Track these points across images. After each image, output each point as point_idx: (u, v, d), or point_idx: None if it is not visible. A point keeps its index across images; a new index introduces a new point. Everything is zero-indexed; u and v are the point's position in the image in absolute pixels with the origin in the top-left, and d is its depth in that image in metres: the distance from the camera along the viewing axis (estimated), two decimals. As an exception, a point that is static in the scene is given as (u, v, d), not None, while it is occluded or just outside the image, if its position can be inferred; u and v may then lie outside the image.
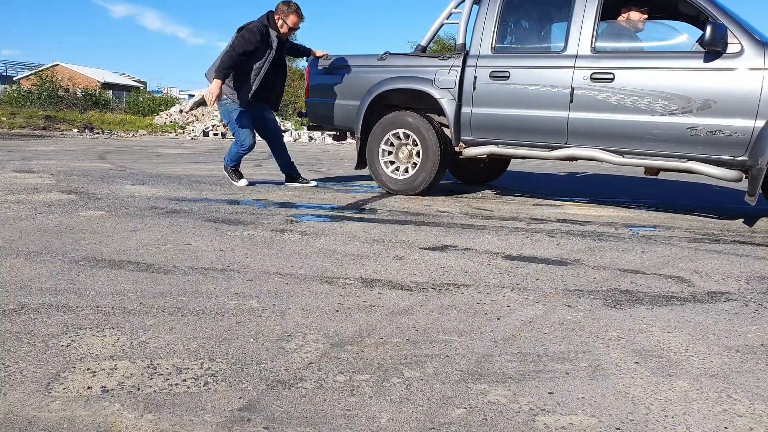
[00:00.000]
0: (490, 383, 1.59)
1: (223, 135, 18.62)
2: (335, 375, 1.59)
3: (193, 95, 27.00)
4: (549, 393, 1.54)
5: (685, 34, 4.56)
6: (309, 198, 5.10)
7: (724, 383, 1.64)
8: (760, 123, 3.95)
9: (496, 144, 4.99)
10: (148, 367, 1.57)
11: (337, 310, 2.13)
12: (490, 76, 4.88)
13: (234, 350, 1.72)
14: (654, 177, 5.10)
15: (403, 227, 3.88)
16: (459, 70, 5.01)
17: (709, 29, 3.94)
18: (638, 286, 2.65)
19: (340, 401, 1.45)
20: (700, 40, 4.09)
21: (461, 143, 5.16)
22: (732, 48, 4.05)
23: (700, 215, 5.01)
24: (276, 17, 5.27)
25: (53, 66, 38.61)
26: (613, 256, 3.24)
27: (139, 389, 1.44)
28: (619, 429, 1.37)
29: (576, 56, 4.56)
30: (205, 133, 18.52)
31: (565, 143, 4.69)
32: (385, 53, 5.43)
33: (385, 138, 5.38)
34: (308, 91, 5.89)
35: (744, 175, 4.19)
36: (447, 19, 5.35)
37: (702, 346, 1.92)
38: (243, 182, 5.73)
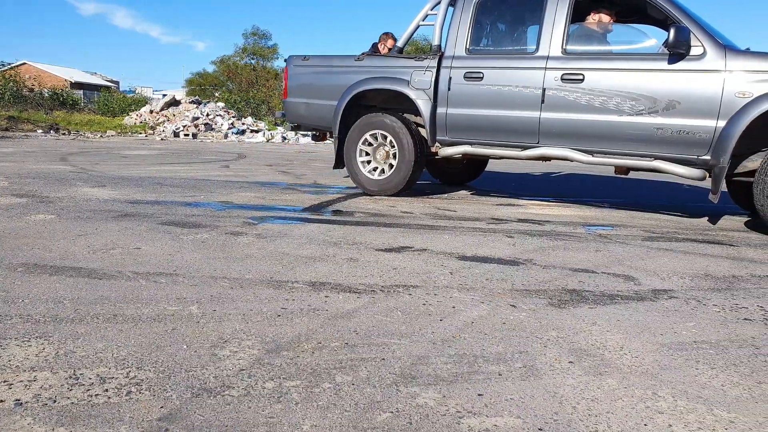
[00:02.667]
0: (421, 386, 1.59)
1: (194, 136, 18.40)
2: (265, 382, 1.57)
3: (167, 95, 26.62)
4: (479, 395, 1.55)
5: (652, 38, 4.65)
6: (272, 200, 5.06)
7: (651, 380, 1.66)
8: (722, 123, 4.06)
9: (471, 144, 5.05)
10: (70, 377, 1.54)
11: (279, 315, 2.11)
12: (464, 77, 4.95)
13: (164, 358, 1.69)
14: (624, 176, 5.19)
15: (363, 229, 3.87)
16: (434, 71, 5.07)
17: (672, 32, 4.04)
18: (586, 285, 2.68)
19: (264, 409, 1.43)
20: (665, 43, 4.18)
21: (437, 143, 5.21)
22: (695, 50, 4.15)
23: (666, 214, 5.10)
24: (380, 44, 6.27)
25: (20, 65, 37.71)
26: (566, 256, 3.28)
27: (55, 401, 1.41)
28: (541, 429, 1.38)
29: (547, 57, 4.64)
30: (176, 134, 18.27)
31: (537, 143, 4.77)
32: (363, 54, 5.50)
33: (363, 139, 5.41)
34: (287, 91, 5.92)
35: (708, 174, 4.28)
36: (423, 20, 5.42)
37: (637, 344, 1.95)
38: None
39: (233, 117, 21.51)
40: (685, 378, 1.69)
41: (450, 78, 5.01)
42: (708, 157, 4.18)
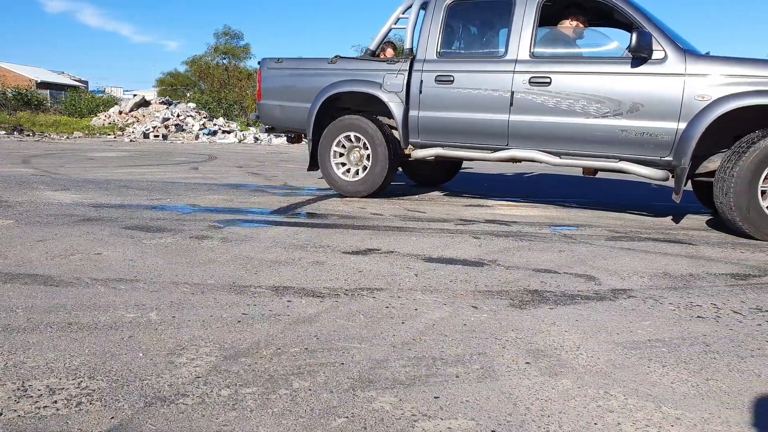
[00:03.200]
0: (378, 390, 1.59)
1: (164, 137, 18.13)
2: (221, 389, 1.56)
3: (137, 95, 26.17)
4: (435, 397, 1.56)
5: (615, 41, 4.76)
6: (240, 202, 5.02)
7: (604, 380, 1.70)
8: (683, 125, 4.17)
9: (442, 146, 5.11)
10: (18, 389, 1.50)
11: (239, 321, 2.09)
12: (435, 80, 5.00)
13: (119, 366, 1.67)
14: (592, 177, 5.26)
15: (331, 231, 3.86)
16: (406, 74, 5.13)
17: (635, 36, 4.13)
18: (547, 285, 2.72)
19: (219, 416, 1.42)
20: (629, 47, 4.26)
21: (410, 145, 5.27)
22: (656, 54, 4.26)
23: (631, 213, 5.20)
24: (381, 54, 6.23)
25: (-18, 65, 36.66)
26: (530, 256, 3.32)
27: (1, 414, 1.38)
28: (494, 431, 1.40)
29: (516, 61, 4.71)
30: (146, 135, 17.99)
31: (506, 145, 4.84)
32: (336, 57, 5.48)
33: (337, 141, 5.43)
34: (260, 93, 5.91)
35: (670, 174, 4.40)
36: (395, 24, 5.47)
37: (593, 344, 1.99)
38: None
39: (205, 118, 21.25)
40: (636, 376, 1.73)
41: (421, 81, 5.06)
42: (670, 158, 4.29)
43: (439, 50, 5.07)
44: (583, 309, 2.38)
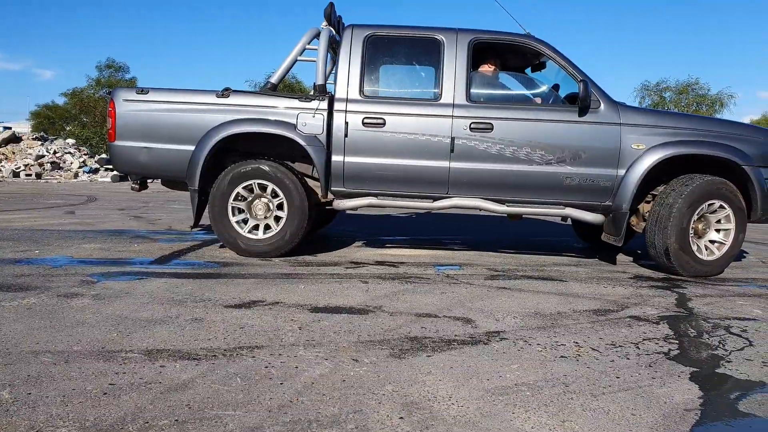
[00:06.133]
0: (250, 462, 1.56)
1: (39, 176, 16.80)
2: (75, 477, 1.46)
3: (9, 127, 24.09)
4: (307, 465, 1.56)
5: (545, 84, 4.89)
6: (118, 251, 4.75)
7: (473, 430, 1.78)
8: (622, 171, 4.48)
9: (375, 195, 4.70)
10: None
11: (106, 393, 1.97)
12: (363, 123, 4.56)
13: (-44, 462, 1.51)
14: (518, 221, 5.18)
15: (214, 282, 3.75)
16: (325, 114, 4.61)
17: (582, 87, 4.36)
18: (427, 331, 2.82)
19: None
20: (576, 96, 4.45)
21: (330, 194, 4.78)
22: (594, 104, 4.51)
23: (508, 252, 5.51)
24: None
25: None
26: (414, 300, 3.43)
27: None
28: (363, 497, 1.42)
29: (453, 105, 4.54)
30: (16, 174, 16.57)
31: (446, 193, 4.64)
32: (227, 89, 4.71)
33: (236, 191, 4.62)
34: (114, 131, 4.75)
35: (604, 218, 4.65)
36: (300, 55, 5.03)
37: (465, 392, 2.08)
38: None
39: (85, 155, 19.97)
40: (501, 424, 1.83)
41: (346, 123, 4.57)
42: (610, 203, 4.55)
43: (363, 89, 4.63)
44: (458, 355, 2.48)
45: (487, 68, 4.90)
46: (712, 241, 4.60)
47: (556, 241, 6.44)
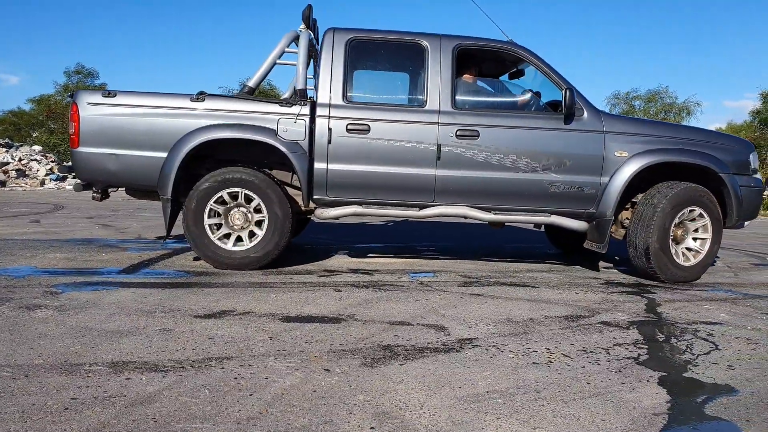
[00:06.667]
0: (216, 477, 1.52)
1: (2, 184, 16.34)
2: (32, 497, 1.40)
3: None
4: (276, 479, 1.52)
5: (528, 92, 4.85)
6: (85, 261, 4.63)
7: (443, 440, 1.77)
8: (606, 179, 4.52)
9: (360, 204, 4.58)
10: None
11: (67, 408, 1.91)
12: (347, 129, 4.43)
13: None
14: (500, 228, 5.13)
15: (184, 291, 3.68)
16: (307, 119, 4.45)
17: (568, 95, 4.38)
18: (400, 339, 2.80)
19: None
20: (562, 104, 4.46)
21: (312, 203, 4.65)
22: (578, 112, 4.54)
23: (483, 260, 5.54)
24: None
25: None
26: (387, 308, 3.41)
27: None
28: None
29: (439, 112, 4.48)
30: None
31: (433, 201, 4.56)
32: (201, 93, 4.47)
33: (213, 200, 4.40)
34: (77, 137, 4.44)
35: (588, 225, 4.68)
36: (279, 58, 4.87)
37: (437, 401, 2.07)
38: None
39: (53, 162, 19.51)
40: (472, 433, 1.82)
41: (330, 129, 4.43)
42: (593, 211, 4.59)
43: (346, 94, 4.50)
44: (430, 363, 2.47)
45: (469, 75, 4.87)
46: (688, 249, 4.69)
47: (529, 248, 6.50)
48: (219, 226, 4.46)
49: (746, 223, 4.91)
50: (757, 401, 2.18)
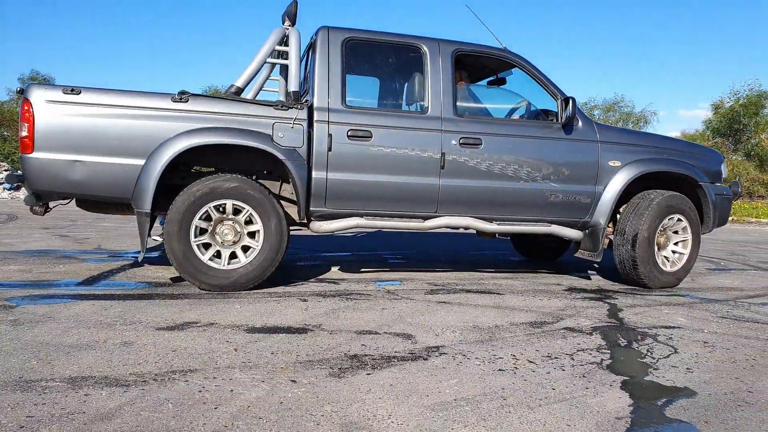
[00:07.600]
0: (180, 494, 1.48)
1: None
2: None
3: None
4: (242, 494, 1.49)
5: (525, 100, 4.88)
6: (41, 273, 4.47)
7: (412, 449, 1.77)
8: (600, 188, 4.59)
9: (362, 215, 4.31)
10: None
11: (23, 426, 1.83)
12: (348, 136, 4.15)
13: None
14: (491, 239, 5.07)
15: (146, 303, 3.59)
16: (305, 124, 4.10)
17: (570, 105, 4.41)
18: (367, 348, 2.79)
19: None
20: (560, 114, 4.52)
21: (307, 215, 4.30)
22: (574, 122, 4.57)
23: (446, 270, 5.58)
24: None
25: None
26: (354, 317, 3.40)
27: None
28: None
29: (442, 119, 4.32)
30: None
31: (435, 212, 4.40)
32: (183, 92, 3.94)
33: (200, 214, 3.92)
34: (31, 141, 3.76)
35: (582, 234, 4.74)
36: (269, 57, 4.47)
37: (404, 410, 2.06)
38: None
39: (6, 170, 18.84)
40: (440, 441, 1.82)
41: (330, 135, 4.12)
42: (588, 219, 4.65)
43: (345, 98, 4.22)
44: (398, 372, 2.47)
45: (462, 81, 4.78)
46: (674, 252, 4.83)
47: (494, 255, 6.58)
48: (207, 246, 3.99)
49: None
50: (714, 403, 2.25)
